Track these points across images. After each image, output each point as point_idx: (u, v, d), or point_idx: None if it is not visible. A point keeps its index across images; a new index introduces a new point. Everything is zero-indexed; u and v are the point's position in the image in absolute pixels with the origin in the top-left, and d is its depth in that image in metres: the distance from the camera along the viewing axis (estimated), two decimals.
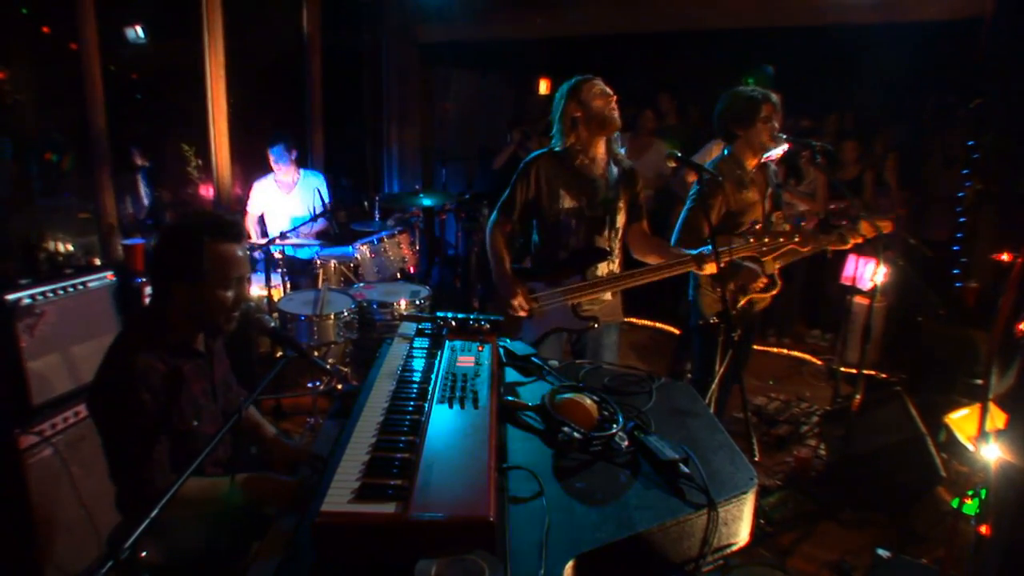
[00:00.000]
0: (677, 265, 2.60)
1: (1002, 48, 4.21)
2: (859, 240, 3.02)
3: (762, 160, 2.99)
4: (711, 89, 3.07)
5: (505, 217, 2.83)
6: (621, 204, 2.77)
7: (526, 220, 2.85)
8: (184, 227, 1.75)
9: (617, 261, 2.85)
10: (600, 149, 2.76)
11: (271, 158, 4.60)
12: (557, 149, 2.75)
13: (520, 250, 2.95)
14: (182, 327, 1.80)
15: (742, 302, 2.99)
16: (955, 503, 3.02)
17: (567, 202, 2.73)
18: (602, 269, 2.79)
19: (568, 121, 2.70)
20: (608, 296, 2.83)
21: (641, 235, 2.84)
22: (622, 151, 2.83)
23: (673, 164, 2.80)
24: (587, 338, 2.90)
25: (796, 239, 2.45)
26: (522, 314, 2.74)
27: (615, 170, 2.77)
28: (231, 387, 2.04)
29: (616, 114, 2.68)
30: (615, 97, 2.69)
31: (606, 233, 2.77)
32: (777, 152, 2.96)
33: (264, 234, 4.71)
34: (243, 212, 4.79)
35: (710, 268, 2.52)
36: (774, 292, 3.02)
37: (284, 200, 4.71)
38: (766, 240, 2.45)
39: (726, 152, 3.01)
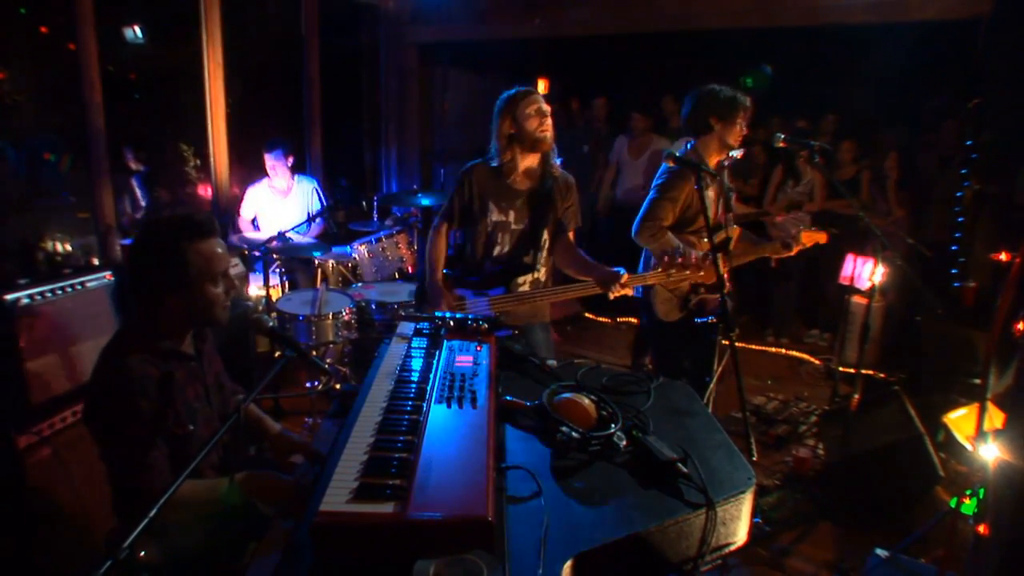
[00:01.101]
0: (585, 287, 2.62)
1: (1000, 48, 4.21)
2: (801, 247, 3.11)
3: (722, 162, 3.02)
4: None
5: (445, 223, 2.89)
6: (550, 218, 2.79)
7: (463, 226, 2.90)
8: (158, 237, 1.73)
9: (543, 271, 2.86)
10: (533, 164, 2.79)
11: (267, 162, 4.59)
12: (493, 164, 2.78)
13: (459, 253, 2.99)
14: (174, 332, 1.80)
15: (694, 301, 3.00)
16: (953, 503, 3.02)
17: (495, 215, 2.78)
18: (525, 281, 2.82)
19: (504, 139, 2.72)
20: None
21: (564, 246, 2.84)
22: (558, 162, 2.84)
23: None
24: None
25: (701, 273, 2.51)
26: None
27: (548, 183, 2.78)
28: (225, 388, 2.04)
29: (549, 134, 2.70)
30: (549, 118, 2.70)
31: (531, 247, 2.81)
32: (736, 153, 3.02)
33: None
34: (236, 214, 4.78)
35: (615, 293, 2.52)
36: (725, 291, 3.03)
37: (278, 205, 4.70)
38: (673, 271, 2.50)
39: (689, 146, 3.01)
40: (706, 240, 2.98)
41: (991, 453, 2.03)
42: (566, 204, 2.82)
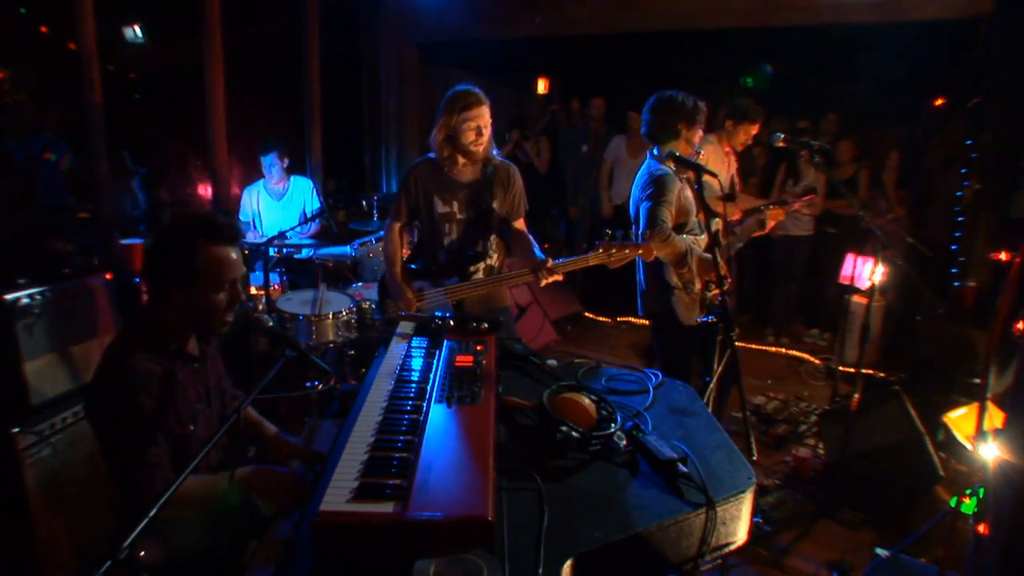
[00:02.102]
0: (517, 277, 2.68)
1: (1001, 47, 4.21)
2: (772, 224, 3.22)
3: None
4: (710, 89, 3.08)
5: (395, 220, 2.94)
6: (495, 205, 2.83)
7: (413, 222, 2.97)
8: (179, 229, 1.74)
9: (496, 256, 2.91)
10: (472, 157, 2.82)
11: (263, 165, 4.58)
12: (432, 157, 2.84)
13: (418, 246, 3.08)
14: (177, 330, 1.79)
15: (713, 295, 3.00)
16: (953, 502, 3.02)
17: (440, 207, 2.83)
18: (478, 269, 2.87)
19: (441, 137, 2.75)
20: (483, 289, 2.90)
21: (515, 233, 2.91)
22: (495, 152, 2.88)
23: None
24: None
25: (640, 251, 2.55)
26: (411, 310, 2.81)
27: (489, 172, 2.82)
28: (226, 392, 2.04)
29: (482, 148, 2.74)
30: (487, 132, 2.72)
31: (479, 236, 2.86)
32: (702, 152, 3.09)
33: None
34: (234, 216, 4.77)
35: (545, 280, 2.56)
36: (727, 286, 3.04)
37: (274, 207, 4.70)
38: (613, 251, 2.52)
39: (656, 151, 3.03)
40: (704, 236, 3.00)
41: (991, 453, 2.02)
42: (510, 193, 2.86)
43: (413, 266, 2.97)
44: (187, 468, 1.30)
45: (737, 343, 2.30)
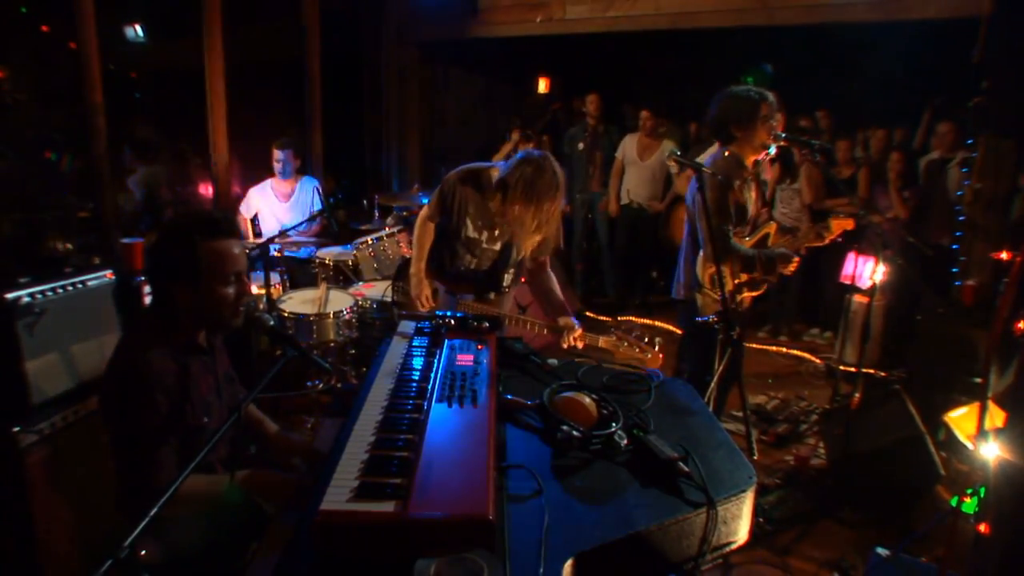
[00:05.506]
0: (539, 327, 2.68)
1: (1001, 47, 4.21)
2: (833, 236, 3.08)
3: (757, 161, 2.98)
4: (711, 89, 3.06)
5: (429, 219, 2.88)
6: (525, 245, 2.78)
7: (442, 224, 2.90)
8: (176, 229, 1.75)
9: (511, 289, 2.93)
10: None
11: (277, 162, 4.57)
12: (480, 172, 2.74)
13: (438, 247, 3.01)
14: (187, 325, 1.80)
15: (743, 297, 3.00)
16: (954, 501, 3.02)
17: (469, 230, 2.79)
18: (493, 295, 2.88)
19: (502, 187, 2.58)
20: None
21: (530, 272, 2.90)
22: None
23: (673, 163, 2.82)
24: None
25: (648, 356, 2.50)
26: (422, 309, 2.81)
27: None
28: (234, 382, 2.04)
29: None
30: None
31: (501, 268, 2.85)
32: (772, 150, 2.97)
33: (259, 235, 4.70)
34: (236, 213, 4.77)
35: (567, 343, 2.58)
36: (762, 290, 3.04)
37: (280, 207, 4.69)
38: (625, 344, 2.53)
39: (725, 152, 2.99)
40: (747, 238, 2.99)
41: (992, 452, 2.02)
42: (544, 233, 2.74)
43: (434, 263, 2.94)
44: (191, 465, 1.30)
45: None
